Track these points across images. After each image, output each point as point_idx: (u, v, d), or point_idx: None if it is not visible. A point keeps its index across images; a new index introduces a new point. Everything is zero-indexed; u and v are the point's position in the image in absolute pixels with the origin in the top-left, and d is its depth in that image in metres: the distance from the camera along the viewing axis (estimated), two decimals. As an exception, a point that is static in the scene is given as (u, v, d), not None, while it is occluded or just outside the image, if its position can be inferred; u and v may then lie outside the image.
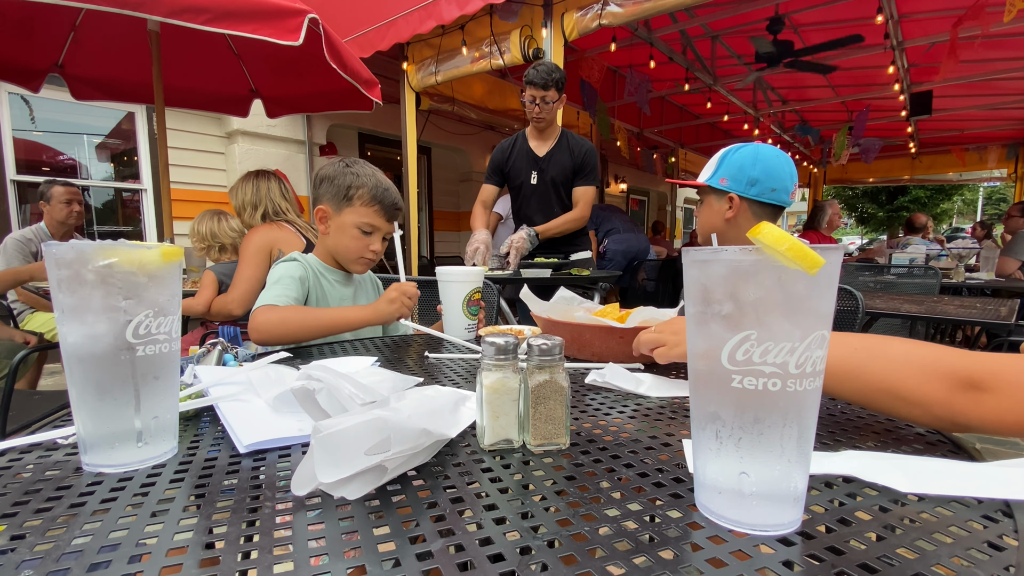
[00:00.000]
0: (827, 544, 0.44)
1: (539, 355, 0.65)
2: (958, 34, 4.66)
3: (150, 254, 0.59)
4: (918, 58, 6.29)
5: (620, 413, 0.79)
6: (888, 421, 0.75)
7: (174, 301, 0.63)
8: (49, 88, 3.57)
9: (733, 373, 0.43)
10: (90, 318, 0.57)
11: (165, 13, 2.28)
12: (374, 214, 1.56)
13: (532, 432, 0.65)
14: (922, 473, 0.57)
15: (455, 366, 1.12)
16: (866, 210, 22.82)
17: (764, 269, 0.41)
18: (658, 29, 5.64)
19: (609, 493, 0.53)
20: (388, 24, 4.42)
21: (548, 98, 2.90)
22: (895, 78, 6.41)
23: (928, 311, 2.47)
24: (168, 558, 0.42)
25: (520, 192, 3.24)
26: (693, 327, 0.47)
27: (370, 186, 1.55)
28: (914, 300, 2.95)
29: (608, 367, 0.97)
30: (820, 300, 0.42)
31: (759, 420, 0.43)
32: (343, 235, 1.58)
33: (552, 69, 2.87)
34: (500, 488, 0.54)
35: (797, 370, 0.42)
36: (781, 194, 1.56)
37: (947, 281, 4.26)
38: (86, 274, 0.56)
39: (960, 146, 10.47)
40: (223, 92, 3.99)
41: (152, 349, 0.60)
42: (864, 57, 6.20)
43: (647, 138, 9.40)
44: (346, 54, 2.94)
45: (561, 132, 3.14)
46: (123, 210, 5.84)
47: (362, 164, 1.59)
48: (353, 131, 7.36)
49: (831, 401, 0.85)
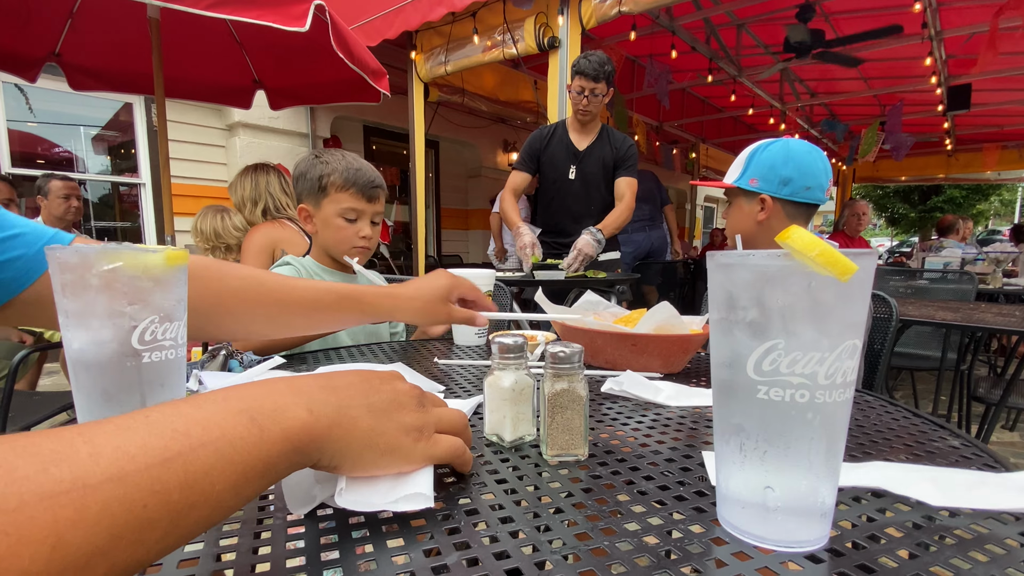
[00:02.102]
0: (857, 562, 0.44)
1: (556, 363, 0.65)
2: (999, 24, 4.62)
3: (155, 258, 0.60)
4: (957, 49, 6.23)
5: (639, 423, 0.80)
6: (920, 433, 0.76)
7: (180, 306, 0.64)
8: (44, 78, 3.61)
9: (759, 384, 0.44)
10: (95, 324, 0.58)
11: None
12: (351, 197, 1.56)
13: (549, 443, 0.66)
14: (954, 486, 0.57)
15: (465, 372, 1.12)
16: (897, 210, 22.62)
17: (793, 275, 0.42)
18: (680, 17, 5.63)
19: (628, 506, 0.54)
20: (396, 11, 4.45)
21: (598, 91, 2.90)
22: (932, 70, 6.36)
23: (964, 319, 2.45)
24: (179, 570, 0.43)
25: (554, 186, 3.19)
26: (717, 334, 0.48)
27: (340, 170, 1.55)
28: (949, 307, 2.93)
29: (625, 375, 0.97)
30: (851, 308, 0.42)
31: (786, 433, 0.44)
32: (329, 228, 1.58)
33: (605, 61, 2.86)
34: (515, 500, 0.55)
35: (827, 381, 0.42)
36: (816, 192, 1.55)
37: (983, 287, 4.22)
38: (90, 279, 0.57)
39: (998, 143, 10.37)
40: (225, 83, 4.03)
41: (158, 355, 0.61)
42: (900, 48, 6.14)
43: (667, 132, 9.37)
44: (353, 43, 2.97)
45: (602, 127, 3.13)
46: (121, 205, 5.91)
47: (332, 152, 1.60)
48: (358, 124, 7.40)
49: (860, 412, 0.86)
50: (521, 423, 0.70)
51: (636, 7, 3.72)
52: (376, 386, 0.54)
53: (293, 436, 0.43)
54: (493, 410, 0.71)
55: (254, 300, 0.92)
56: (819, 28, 5.58)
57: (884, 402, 0.92)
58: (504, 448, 0.70)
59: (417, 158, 5.32)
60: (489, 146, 8.89)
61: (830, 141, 10.41)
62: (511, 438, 0.70)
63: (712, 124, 10.14)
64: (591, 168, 3.09)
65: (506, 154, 9.02)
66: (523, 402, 0.70)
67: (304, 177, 1.59)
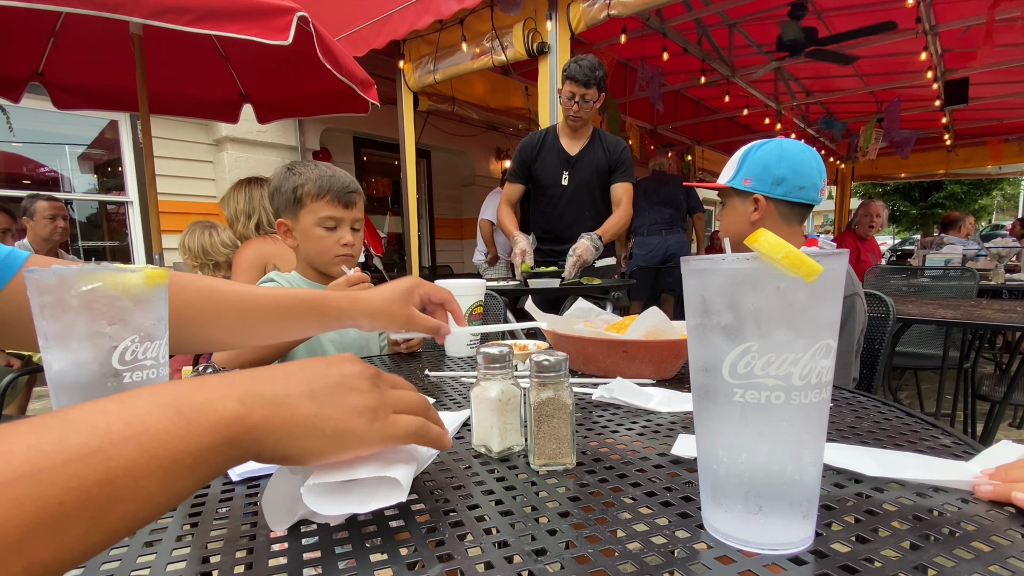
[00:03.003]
0: (841, 563, 0.45)
1: (541, 371, 0.66)
2: (995, 16, 4.65)
3: (134, 278, 0.61)
4: (952, 43, 6.26)
5: (628, 430, 0.81)
6: (912, 433, 0.76)
7: (160, 325, 0.65)
8: (28, 97, 3.61)
9: (735, 387, 0.45)
10: (75, 345, 0.59)
11: (146, 14, 2.33)
12: (327, 205, 1.57)
13: (536, 452, 0.67)
14: (893, 462, 0.64)
15: (456, 384, 1.13)
16: (898, 208, 22.69)
17: (763, 277, 0.43)
18: (671, 18, 5.65)
19: (615, 514, 0.55)
20: (383, 20, 4.47)
21: (588, 96, 2.92)
22: (928, 65, 6.38)
23: (965, 316, 2.47)
24: (160, 587, 0.44)
25: (546, 194, 3.21)
26: (693, 340, 0.49)
27: (314, 178, 1.56)
28: (949, 304, 2.95)
29: (616, 382, 0.98)
30: (823, 308, 0.44)
31: (763, 435, 0.45)
32: (310, 239, 1.59)
33: (596, 66, 2.88)
34: (502, 511, 0.56)
35: (802, 382, 0.44)
36: (810, 192, 1.57)
37: (985, 284, 4.24)
38: (69, 300, 0.58)
39: (999, 136, 10.42)
40: (211, 97, 4.05)
41: (139, 375, 0.62)
42: (894, 43, 6.16)
43: (661, 135, 9.40)
44: (339, 53, 2.99)
45: (593, 131, 3.14)
46: (108, 224, 5.92)
47: (304, 163, 1.61)
48: (348, 135, 7.42)
49: (854, 413, 0.86)
50: (509, 433, 0.71)
51: (625, 10, 3.73)
52: (320, 371, 0.53)
53: (223, 428, 0.42)
54: (480, 421, 0.72)
55: (211, 311, 0.91)
56: (812, 26, 5.61)
57: (878, 402, 0.93)
58: (492, 459, 0.71)
59: (408, 168, 5.33)
60: (482, 154, 8.91)
61: (828, 140, 10.47)
62: (499, 448, 0.71)
63: (707, 126, 10.17)
64: (584, 173, 3.10)
65: (499, 162, 9.04)
66: (510, 412, 0.71)
67: (279, 191, 1.59)
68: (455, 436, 0.80)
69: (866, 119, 9.00)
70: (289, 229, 1.62)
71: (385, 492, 0.52)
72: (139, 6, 2.30)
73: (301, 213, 1.57)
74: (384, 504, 0.51)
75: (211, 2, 2.46)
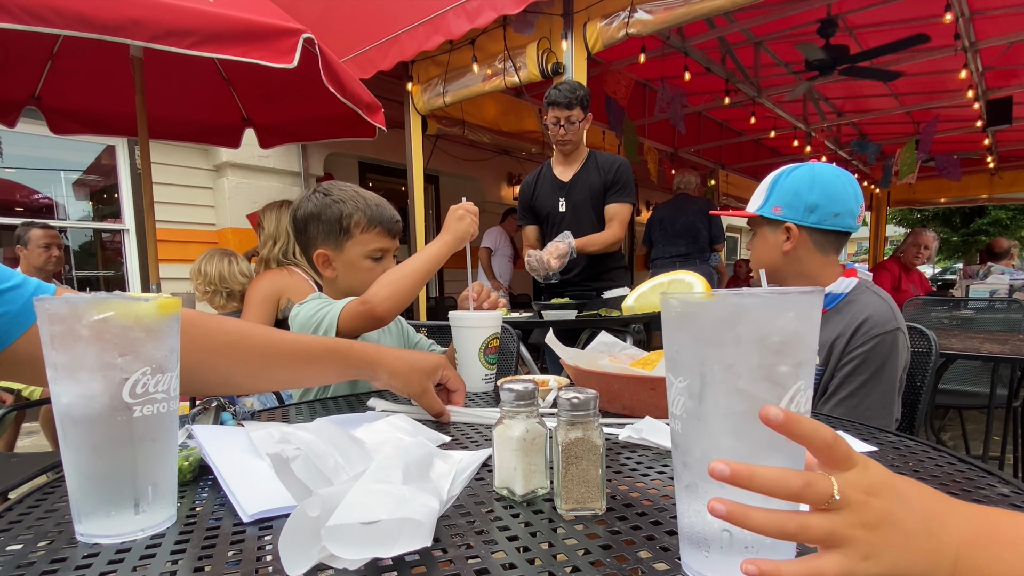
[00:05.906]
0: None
1: (570, 409, 0.66)
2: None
3: (147, 307, 0.62)
4: (994, 60, 6.28)
5: (660, 474, 0.80)
6: (967, 480, 0.76)
7: (172, 356, 0.66)
8: (24, 122, 3.69)
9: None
10: (84, 376, 0.60)
11: (148, 38, 2.38)
12: (378, 237, 1.59)
13: (564, 496, 0.66)
14: None
15: (473, 421, 1.13)
16: (938, 234, 22.60)
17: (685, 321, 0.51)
18: (693, 37, 5.72)
19: (650, 563, 0.55)
20: (391, 41, 4.54)
21: (573, 118, 2.98)
22: (968, 83, 6.40)
23: (1013, 351, 2.44)
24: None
25: (548, 222, 3.34)
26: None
27: (362, 208, 1.57)
28: (996, 339, 2.92)
29: (644, 421, 0.98)
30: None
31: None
32: (355, 271, 1.60)
33: (575, 87, 2.97)
34: (528, 558, 0.56)
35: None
36: (846, 218, 1.55)
37: (1034, 316, 4.19)
38: (80, 329, 0.59)
39: (1046, 159, 10.38)
40: (212, 121, 4.13)
41: (150, 409, 0.63)
42: (932, 61, 6.20)
43: (682, 159, 9.44)
44: (345, 76, 3.04)
45: (589, 153, 3.24)
46: (103, 252, 6.00)
47: (339, 187, 1.61)
48: (353, 160, 7.50)
49: (902, 459, 0.86)
50: (533, 475, 0.71)
51: (645, 28, 3.77)
52: None
53: None
54: (503, 462, 0.72)
55: (240, 357, 0.98)
56: (843, 43, 5.64)
57: (926, 447, 0.92)
58: (516, 503, 0.71)
59: (416, 194, 5.38)
60: (493, 179, 8.97)
61: (861, 163, 10.46)
62: (523, 491, 0.70)
63: (731, 148, 10.22)
64: (579, 197, 3.22)
65: (511, 187, 9.10)
66: (535, 452, 0.71)
67: (318, 220, 1.58)
68: (475, 478, 0.79)
69: (902, 140, 8.97)
70: (329, 260, 1.62)
71: (409, 535, 0.52)
72: (141, 29, 2.35)
73: (348, 244, 1.58)
74: (408, 548, 0.52)
75: (214, 24, 2.51)
